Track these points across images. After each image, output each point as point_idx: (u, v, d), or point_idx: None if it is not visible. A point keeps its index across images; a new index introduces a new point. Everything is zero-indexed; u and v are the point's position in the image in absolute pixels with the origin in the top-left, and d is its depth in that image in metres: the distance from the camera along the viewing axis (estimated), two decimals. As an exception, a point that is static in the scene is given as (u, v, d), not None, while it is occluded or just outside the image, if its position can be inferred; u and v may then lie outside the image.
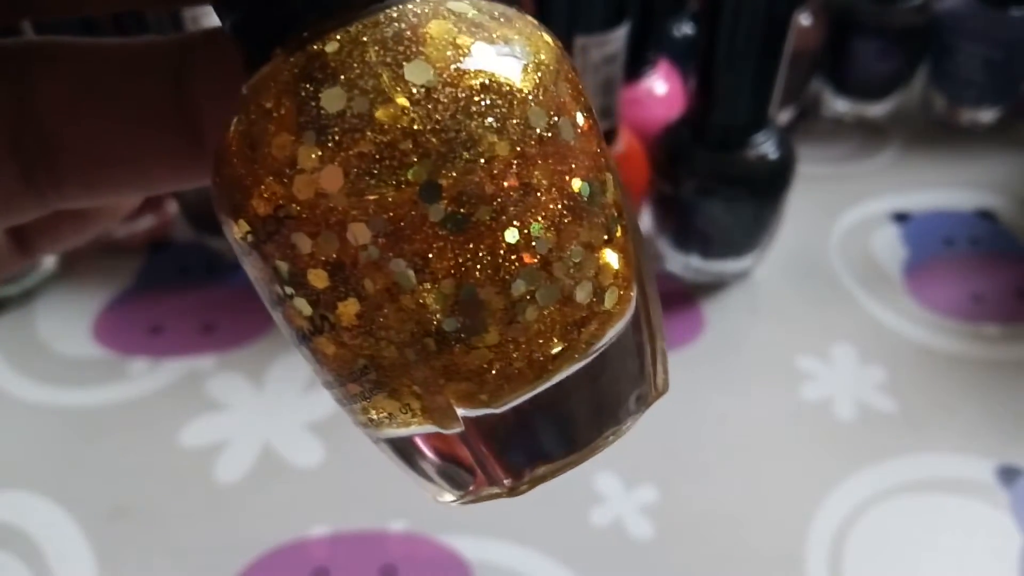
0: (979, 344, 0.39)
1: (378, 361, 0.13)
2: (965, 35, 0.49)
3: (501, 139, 0.12)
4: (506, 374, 0.13)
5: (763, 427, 0.36)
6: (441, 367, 0.13)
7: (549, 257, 0.12)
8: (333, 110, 0.12)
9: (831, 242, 0.45)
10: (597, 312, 0.13)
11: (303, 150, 0.12)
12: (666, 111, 0.43)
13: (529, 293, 0.12)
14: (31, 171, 0.15)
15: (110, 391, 0.38)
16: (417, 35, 0.12)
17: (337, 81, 0.12)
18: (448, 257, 0.12)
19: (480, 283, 0.12)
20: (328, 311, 0.13)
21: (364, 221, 0.12)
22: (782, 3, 0.34)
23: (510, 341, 0.13)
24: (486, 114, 0.12)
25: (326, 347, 0.13)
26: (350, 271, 0.12)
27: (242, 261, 0.14)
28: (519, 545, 0.31)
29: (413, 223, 0.12)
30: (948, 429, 0.36)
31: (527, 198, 0.12)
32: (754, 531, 0.32)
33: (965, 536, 0.32)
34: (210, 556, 0.31)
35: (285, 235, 0.12)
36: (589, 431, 0.14)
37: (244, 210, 0.13)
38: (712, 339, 0.40)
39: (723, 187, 0.38)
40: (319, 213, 0.12)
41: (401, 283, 0.12)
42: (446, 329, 0.12)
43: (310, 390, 0.37)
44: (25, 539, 0.32)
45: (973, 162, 0.51)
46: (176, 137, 0.16)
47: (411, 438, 0.14)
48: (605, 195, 0.13)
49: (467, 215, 0.12)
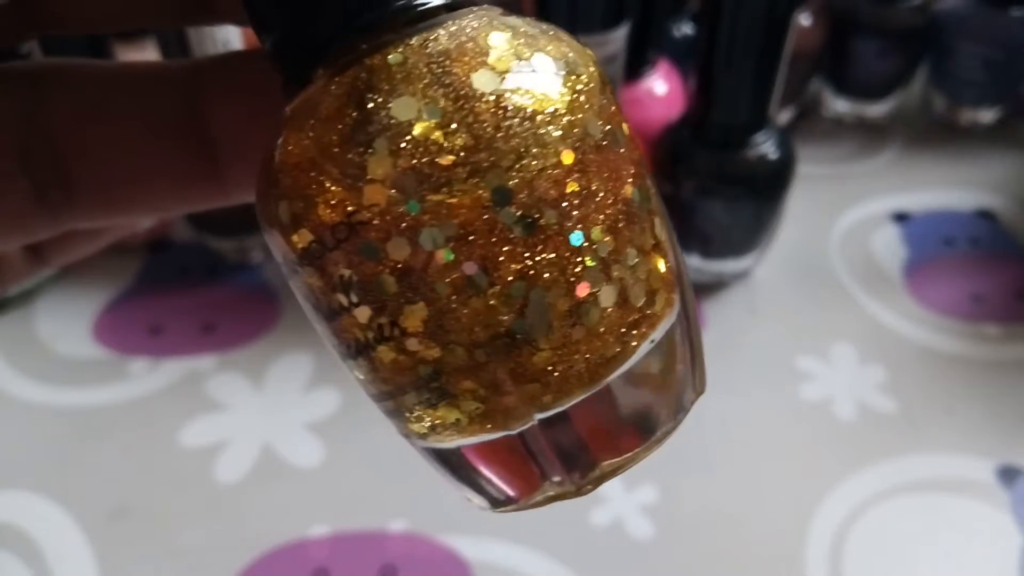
0: (979, 344, 0.39)
1: (443, 366, 0.13)
2: (965, 35, 0.49)
3: (565, 146, 0.13)
4: (566, 376, 0.13)
5: (763, 427, 0.36)
6: (509, 369, 0.13)
7: (608, 260, 0.13)
8: (404, 118, 0.12)
9: (831, 242, 0.45)
10: (647, 314, 0.14)
11: (374, 158, 0.12)
12: (666, 111, 0.43)
13: (592, 295, 0.13)
14: (44, 190, 0.15)
15: (110, 391, 0.38)
16: (479, 47, 0.13)
17: (407, 90, 0.12)
18: (517, 260, 0.12)
19: (547, 285, 0.12)
20: (394, 317, 0.13)
21: (437, 226, 0.12)
22: (782, 3, 0.34)
23: (572, 343, 0.13)
24: (551, 122, 0.12)
25: (386, 355, 0.13)
26: (420, 276, 0.12)
27: (294, 273, 0.14)
28: (519, 545, 0.31)
29: (485, 227, 0.12)
30: (948, 429, 0.36)
31: (588, 203, 0.13)
32: (754, 531, 0.32)
33: (965, 536, 0.32)
34: (210, 556, 0.31)
35: (355, 242, 0.12)
36: (642, 430, 0.14)
37: (308, 219, 0.13)
38: (712, 339, 0.40)
39: (723, 187, 0.38)
40: (391, 219, 0.12)
41: (473, 286, 0.12)
42: (515, 330, 0.13)
43: (310, 390, 0.37)
44: (25, 539, 0.32)
45: (973, 162, 0.51)
46: (189, 158, 0.16)
47: (461, 448, 0.14)
48: (650, 201, 0.14)
49: (536, 219, 0.12)
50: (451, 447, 0.14)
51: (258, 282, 0.43)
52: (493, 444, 0.14)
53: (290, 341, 0.40)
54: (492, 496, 0.15)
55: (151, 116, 0.16)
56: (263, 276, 0.43)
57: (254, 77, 0.16)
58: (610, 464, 0.14)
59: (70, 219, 0.16)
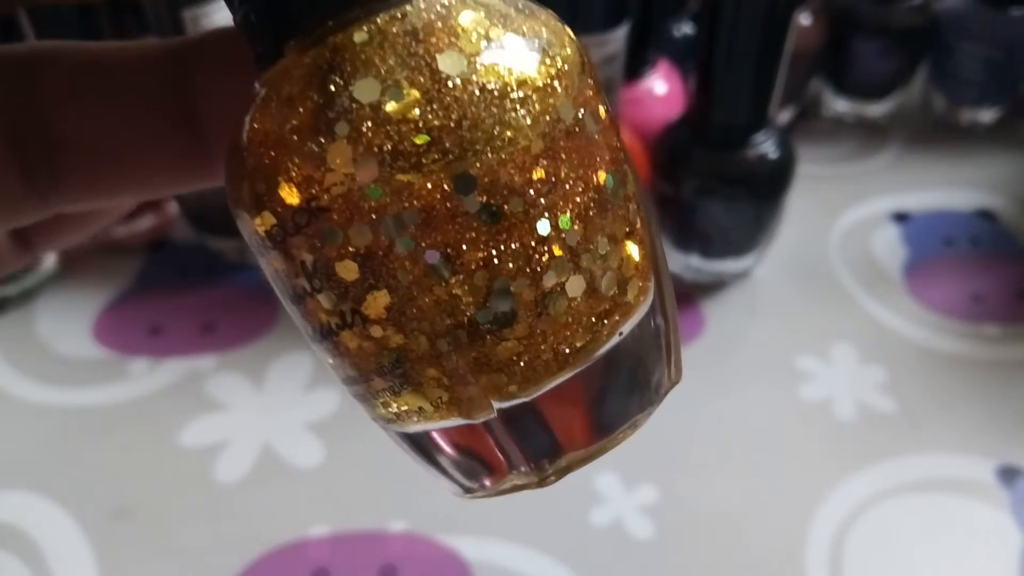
0: (979, 344, 0.39)
1: (407, 354, 0.13)
2: (965, 35, 0.49)
3: (533, 132, 0.12)
4: (533, 365, 0.13)
5: (763, 427, 0.36)
6: (472, 358, 0.13)
7: (577, 249, 0.13)
8: (366, 101, 0.12)
9: (831, 242, 0.45)
10: (619, 304, 0.13)
11: (336, 141, 0.12)
12: (666, 111, 0.43)
13: (559, 285, 0.12)
14: (32, 172, 0.15)
15: (110, 391, 0.38)
16: (448, 26, 0.12)
17: (369, 72, 0.12)
18: (481, 248, 0.12)
19: (512, 275, 0.12)
20: (356, 304, 0.12)
21: (399, 212, 0.12)
22: (782, 3, 0.34)
23: (539, 332, 0.13)
24: (519, 106, 0.12)
25: (351, 341, 0.13)
26: (382, 263, 0.12)
27: (260, 255, 0.14)
28: (519, 545, 0.31)
29: (448, 214, 0.12)
30: (948, 429, 0.36)
31: (557, 190, 0.12)
32: (754, 531, 0.32)
33: (965, 536, 0.32)
34: (210, 556, 0.31)
35: (316, 227, 0.12)
36: (610, 421, 0.14)
37: (270, 202, 0.12)
38: (712, 339, 0.40)
39: (723, 187, 0.38)
40: (352, 204, 0.12)
41: (435, 274, 0.12)
42: (479, 320, 0.12)
43: (310, 390, 0.37)
44: (25, 539, 0.32)
45: (973, 162, 0.51)
46: (176, 139, 0.16)
47: (430, 432, 0.14)
48: (626, 187, 0.14)
49: (500, 207, 0.12)
50: (418, 431, 0.14)
51: (258, 282, 0.43)
52: (459, 431, 0.14)
53: (290, 341, 0.40)
54: (459, 482, 0.15)
55: (138, 96, 0.16)
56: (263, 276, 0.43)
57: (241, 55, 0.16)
58: (577, 455, 0.14)
59: (59, 201, 0.16)
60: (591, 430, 0.14)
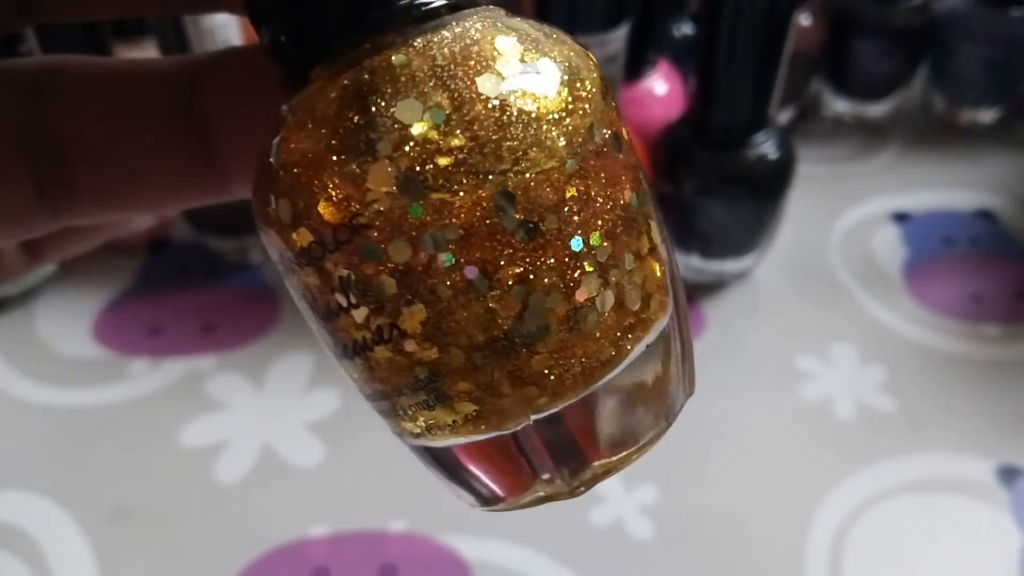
0: (979, 344, 0.39)
1: (441, 368, 0.13)
2: (965, 35, 0.49)
3: (567, 152, 0.13)
4: (562, 378, 0.13)
5: (763, 427, 0.36)
6: (507, 372, 0.13)
7: (607, 265, 0.13)
8: (408, 121, 0.12)
9: (831, 242, 0.45)
10: (642, 319, 0.14)
11: (378, 161, 0.12)
12: (666, 111, 0.43)
13: (590, 300, 0.13)
14: (44, 186, 0.15)
15: (110, 391, 0.38)
16: (484, 50, 0.12)
17: (411, 93, 0.12)
18: (518, 264, 0.12)
19: (547, 290, 0.13)
20: (393, 319, 0.13)
21: (439, 229, 0.12)
22: (782, 3, 0.34)
23: (570, 347, 0.13)
24: (554, 128, 0.13)
25: (383, 356, 0.13)
26: (420, 278, 0.12)
27: (291, 271, 0.14)
28: (519, 545, 0.31)
29: (487, 231, 0.12)
30: (948, 429, 0.36)
31: (588, 208, 0.13)
32: (754, 531, 0.32)
33: (965, 536, 0.32)
34: (210, 556, 0.31)
35: (355, 244, 0.12)
36: (635, 431, 0.14)
37: (308, 220, 0.13)
38: (712, 339, 0.40)
39: (723, 187, 0.38)
40: (393, 222, 0.12)
41: (472, 290, 0.12)
42: (514, 334, 0.13)
43: (310, 390, 0.37)
44: (25, 539, 0.32)
45: (973, 162, 0.51)
46: (187, 154, 0.16)
47: (453, 448, 0.14)
48: (647, 205, 0.14)
49: (537, 224, 0.12)
50: (443, 446, 0.14)
51: (258, 282, 0.43)
52: (485, 444, 0.14)
53: (290, 341, 0.40)
54: (482, 495, 0.15)
55: (150, 112, 0.16)
56: (263, 276, 0.43)
57: (252, 72, 0.16)
58: (602, 465, 0.14)
59: (70, 215, 0.16)
60: (616, 440, 0.14)
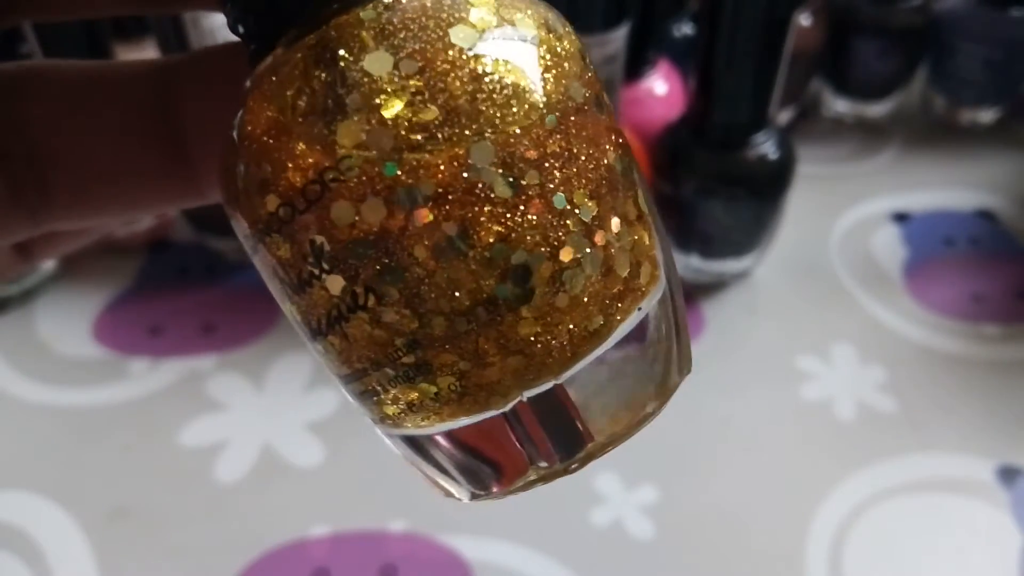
0: (979, 344, 0.39)
1: (421, 337, 0.12)
2: (965, 35, 0.49)
3: (548, 106, 0.12)
4: (550, 348, 0.12)
5: (763, 427, 0.36)
6: (492, 338, 0.12)
7: (592, 226, 0.12)
8: (378, 74, 0.12)
9: (831, 242, 0.45)
10: (632, 287, 0.13)
11: (347, 116, 0.12)
12: (666, 111, 0.43)
13: (576, 261, 0.12)
14: (20, 191, 0.15)
15: (110, 391, 0.38)
16: (458, 3, 0.12)
17: (380, 45, 0.12)
18: (498, 222, 0.12)
19: (530, 248, 0.12)
20: (369, 285, 0.12)
21: (414, 186, 0.12)
22: (782, 3, 0.34)
23: (556, 311, 0.12)
24: (533, 81, 0.12)
25: (359, 328, 0.12)
26: (397, 239, 0.12)
27: (260, 245, 0.13)
28: (519, 545, 0.31)
29: (465, 188, 0.12)
30: (948, 429, 0.36)
31: (571, 166, 0.12)
32: (754, 531, 0.32)
33: (965, 536, 0.32)
34: (210, 556, 0.31)
35: (326, 203, 0.12)
36: (630, 407, 0.14)
37: (275, 184, 0.12)
38: (712, 339, 0.39)
39: (723, 187, 0.38)
40: (366, 179, 0.12)
41: (452, 250, 0.12)
42: (497, 296, 0.12)
43: (310, 390, 0.37)
44: (25, 539, 0.32)
45: (973, 162, 0.51)
46: (162, 156, 0.16)
47: (434, 436, 0.14)
48: (632, 173, 0.14)
49: (517, 179, 0.12)
50: (427, 433, 0.14)
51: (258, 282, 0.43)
52: (471, 431, 0.13)
53: (290, 341, 0.40)
54: (471, 486, 0.14)
55: (125, 114, 0.15)
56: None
57: (227, 73, 0.15)
58: (596, 444, 0.14)
59: (48, 220, 0.16)
60: (610, 416, 0.14)
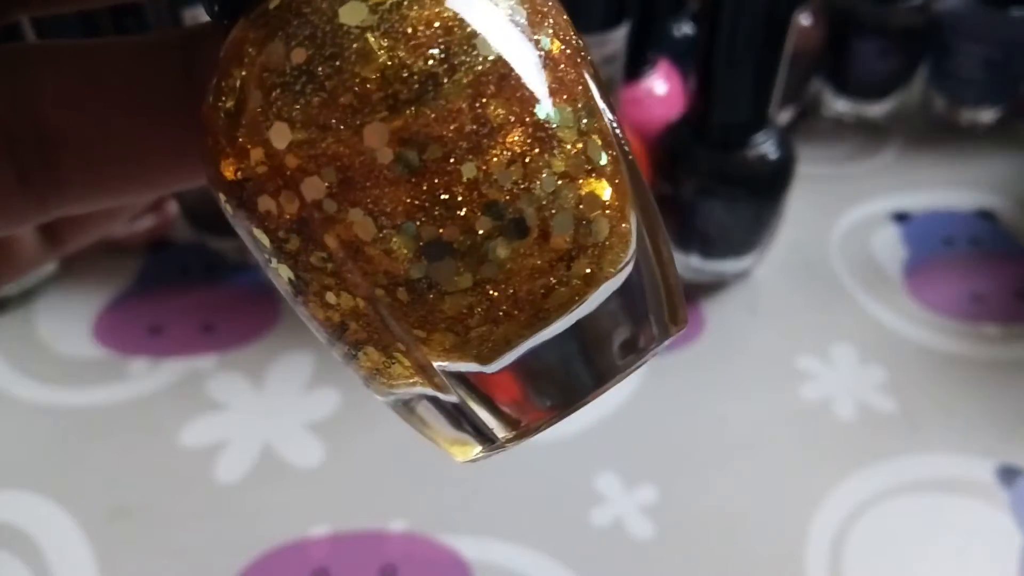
0: (979, 344, 0.39)
1: (355, 318, 0.13)
2: (965, 35, 0.49)
3: (447, 73, 0.12)
4: (492, 318, 0.12)
5: (763, 427, 0.36)
6: (418, 318, 0.12)
7: (515, 189, 0.12)
8: (273, 65, 0.12)
9: (831, 242, 0.45)
10: (585, 244, 0.13)
11: (251, 109, 0.12)
12: (666, 111, 0.43)
13: (496, 229, 0.12)
14: (29, 174, 0.15)
15: (110, 391, 0.38)
16: None
17: (275, 35, 0.12)
18: (405, 200, 0.12)
19: (442, 223, 0.12)
20: (304, 271, 0.12)
21: (315, 173, 0.12)
22: (782, 3, 0.34)
23: (487, 282, 0.12)
24: (429, 47, 0.12)
25: (314, 309, 0.13)
26: (315, 228, 0.12)
27: (232, 220, 0.14)
28: (519, 545, 0.31)
29: (363, 170, 0.12)
30: (948, 429, 0.36)
31: (482, 131, 0.12)
32: (754, 531, 0.32)
33: (965, 536, 0.32)
34: (210, 556, 0.31)
35: (251, 199, 0.12)
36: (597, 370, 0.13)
37: (218, 180, 0.13)
38: (712, 339, 0.39)
39: (723, 187, 0.38)
40: (274, 172, 0.12)
41: (361, 233, 0.12)
42: (415, 276, 0.12)
43: (310, 390, 0.37)
44: (25, 539, 0.32)
45: (973, 162, 0.51)
46: (184, 132, 0.15)
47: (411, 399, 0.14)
48: (582, 122, 0.13)
49: (419, 154, 0.12)
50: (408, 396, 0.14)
51: (258, 282, 0.43)
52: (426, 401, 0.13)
53: (290, 341, 0.40)
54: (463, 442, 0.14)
55: (142, 89, 0.15)
56: (263, 276, 0.43)
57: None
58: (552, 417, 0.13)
59: (60, 203, 0.15)
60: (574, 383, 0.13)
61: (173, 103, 0.15)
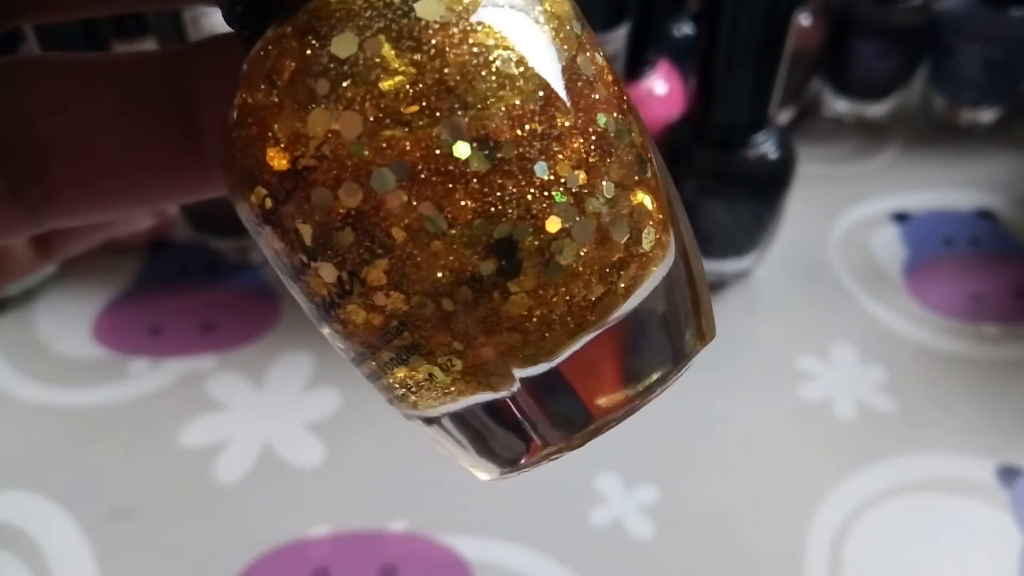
0: (979, 344, 0.39)
1: (412, 319, 0.12)
2: (965, 35, 0.49)
3: (522, 73, 0.12)
4: (547, 322, 0.12)
5: (763, 427, 0.36)
6: (481, 317, 0.12)
7: (581, 193, 0.12)
8: (344, 55, 0.12)
9: (831, 242, 0.45)
10: (635, 254, 0.13)
11: (317, 101, 0.12)
12: (666, 111, 0.43)
13: (564, 231, 0.12)
14: (21, 187, 0.15)
15: (110, 391, 0.38)
16: None
17: (346, 26, 0.12)
18: (478, 197, 0.12)
19: (513, 222, 0.12)
20: (355, 269, 0.12)
21: (386, 166, 0.11)
22: (782, 3, 0.34)
23: (548, 284, 0.12)
24: (504, 48, 0.12)
25: (355, 313, 0.13)
26: (375, 222, 0.12)
27: (259, 238, 0.13)
28: (519, 545, 0.31)
29: (437, 165, 0.11)
30: (948, 429, 0.36)
31: (553, 132, 0.12)
32: (754, 531, 0.32)
33: (965, 536, 0.32)
34: (210, 556, 0.31)
35: (304, 191, 0.12)
36: (637, 379, 0.13)
37: (260, 174, 0.12)
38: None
39: (723, 187, 0.38)
40: (339, 163, 0.12)
41: (431, 228, 0.12)
42: (483, 273, 0.12)
43: (310, 390, 0.37)
44: (25, 539, 0.32)
45: (973, 162, 0.51)
46: (174, 146, 0.15)
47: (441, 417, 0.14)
48: (631, 134, 0.13)
49: (493, 152, 0.12)
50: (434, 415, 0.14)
51: (258, 282, 0.43)
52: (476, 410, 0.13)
53: (290, 341, 0.40)
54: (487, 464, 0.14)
55: (132, 105, 0.15)
56: (263, 276, 0.43)
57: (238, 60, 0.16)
58: (604, 420, 0.13)
59: (51, 217, 0.15)
60: (620, 393, 0.13)
61: (163, 118, 0.15)
